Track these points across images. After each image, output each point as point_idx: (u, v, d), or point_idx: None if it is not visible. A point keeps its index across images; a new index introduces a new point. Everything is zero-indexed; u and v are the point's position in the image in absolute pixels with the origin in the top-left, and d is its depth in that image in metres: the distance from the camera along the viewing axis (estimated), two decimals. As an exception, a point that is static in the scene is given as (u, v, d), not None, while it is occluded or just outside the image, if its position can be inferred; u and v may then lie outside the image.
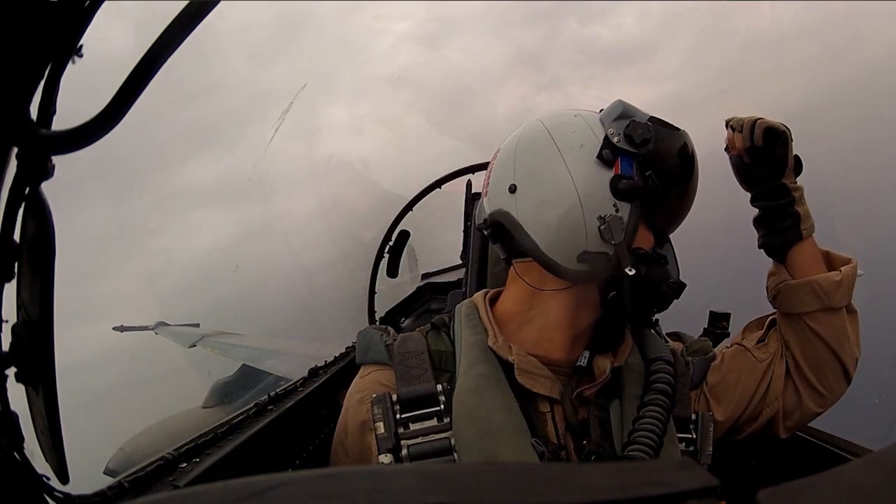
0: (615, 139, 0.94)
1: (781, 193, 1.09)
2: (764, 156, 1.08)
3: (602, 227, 0.91)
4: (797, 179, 1.11)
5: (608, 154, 0.94)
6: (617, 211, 0.93)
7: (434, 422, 0.92)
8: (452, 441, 0.90)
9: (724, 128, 1.14)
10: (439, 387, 0.95)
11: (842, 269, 1.07)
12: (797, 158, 1.10)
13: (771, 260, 1.16)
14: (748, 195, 1.15)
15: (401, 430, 0.91)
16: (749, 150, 1.08)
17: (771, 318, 1.18)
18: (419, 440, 0.91)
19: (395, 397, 0.94)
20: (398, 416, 0.92)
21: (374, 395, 0.94)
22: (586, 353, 1.00)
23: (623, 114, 0.96)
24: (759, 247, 1.15)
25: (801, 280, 1.08)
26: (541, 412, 0.96)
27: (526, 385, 0.94)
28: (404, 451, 0.90)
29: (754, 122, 1.07)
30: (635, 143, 0.93)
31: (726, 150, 1.15)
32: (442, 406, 0.93)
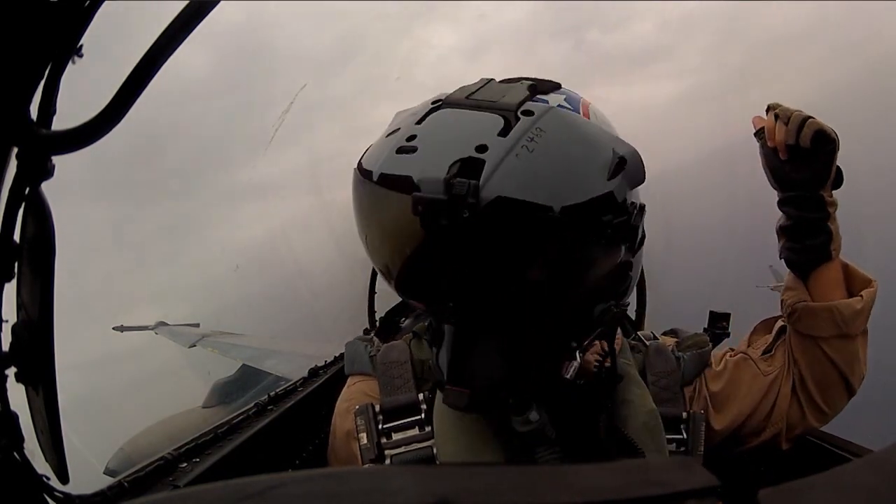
0: None
1: (817, 206, 1.00)
2: (806, 159, 0.98)
3: None
4: (833, 193, 1.02)
5: None
6: None
7: (416, 431, 0.94)
8: (435, 450, 0.91)
9: (765, 113, 1.02)
10: (421, 396, 0.96)
11: (863, 294, 1.02)
12: (838, 170, 1.00)
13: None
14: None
15: (384, 440, 0.93)
16: (790, 147, 0.98)
17: (780, 325, 1.13)
18: (402, 450, 0.93)
19: (377, 407, 0.95)
20: (381, 426, 0.94)
21: (357, 406, 0.96)
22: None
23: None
24: (782, 258, 1.08)
25: (821, 305, 1.02)
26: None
27: None
28: (388, 461, 0.91)
29: (804, 120, 0.96)
30: None
31: (757, 134, 1.04)
32: (423, 415, 0.94)
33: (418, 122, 0.76)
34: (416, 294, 0.81)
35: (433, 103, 0.79)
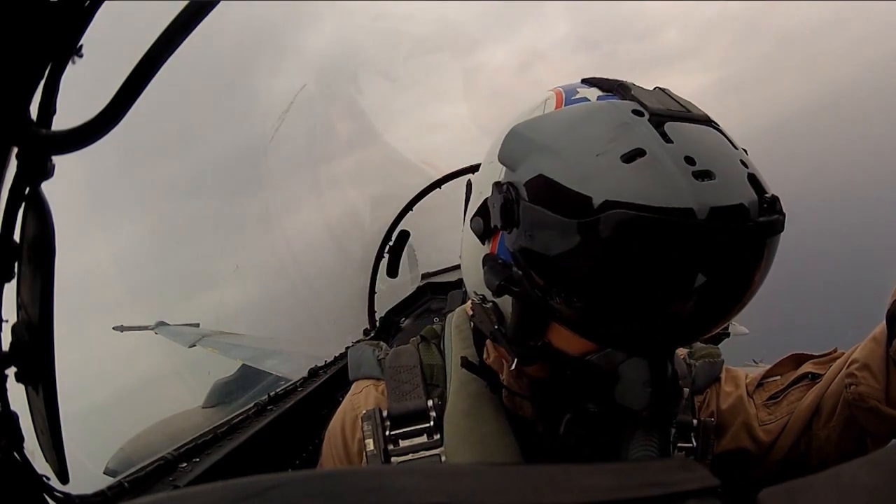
0: (494, 203, 0.69)
1: None
2: None
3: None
4: None
5: (480, 223, 0.73)
6: (495, 297, 0.74)
7: (424, 438, 0.91)
8: (443, 458, 0.89)
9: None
10: (430, 402, 0.94)
11: None
12: None
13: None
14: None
15: (391, 446, 0.91)
16: None
17: (806, 372, 1.00)
18: (409, 457, 0.91)
19: (385, 413, 0.93)
20: (388, 432, 0.92)
21: (364, 411, 0.94)
22: None
23: (529, 149, 0.68)
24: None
25: (893, 414, 0.85)
26: (536, 432, 0.90)
27: (513, 410, 0.92)
28: None
29: None
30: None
31: None
32: (432, 422, 0.92)
33: (668, 141, 0.65)
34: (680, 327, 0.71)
35: (634, 112, 0.68)
